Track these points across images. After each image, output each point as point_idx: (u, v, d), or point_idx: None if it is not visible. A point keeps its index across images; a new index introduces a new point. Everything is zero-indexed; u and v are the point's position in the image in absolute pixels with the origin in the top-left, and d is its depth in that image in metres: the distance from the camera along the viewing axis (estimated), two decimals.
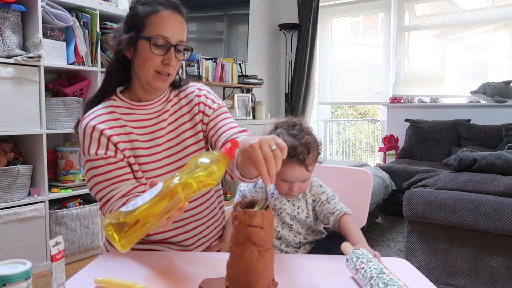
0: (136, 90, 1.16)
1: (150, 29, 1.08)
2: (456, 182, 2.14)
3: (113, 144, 1.09)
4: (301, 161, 1.16)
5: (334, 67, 5.28)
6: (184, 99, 1.23)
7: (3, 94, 2.30)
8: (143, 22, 1.09)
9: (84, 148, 1.09)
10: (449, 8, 4.67)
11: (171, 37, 1.08)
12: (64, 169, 2.68)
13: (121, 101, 1.16)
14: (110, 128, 1.10)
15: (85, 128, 1.09)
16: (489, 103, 4.19)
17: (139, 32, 1.09)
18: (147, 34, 1.08)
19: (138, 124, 1.15)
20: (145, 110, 1.17)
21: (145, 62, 1.09)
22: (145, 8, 1.10)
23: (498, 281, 2.00)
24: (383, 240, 3.16)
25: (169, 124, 1.18)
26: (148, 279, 0.87)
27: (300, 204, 1.25)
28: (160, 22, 1.08)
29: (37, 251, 2.47)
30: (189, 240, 1.19)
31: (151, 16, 1.08)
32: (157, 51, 1.08)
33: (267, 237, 0.79)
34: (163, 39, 1.07)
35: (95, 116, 1.12)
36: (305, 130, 1.21)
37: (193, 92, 1.23)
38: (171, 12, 1.10)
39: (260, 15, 4.99)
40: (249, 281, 0.77)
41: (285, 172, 1.16)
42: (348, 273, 0.92)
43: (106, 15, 2.85)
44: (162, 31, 1.08)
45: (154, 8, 1.09)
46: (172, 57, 1.09)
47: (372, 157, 5.47)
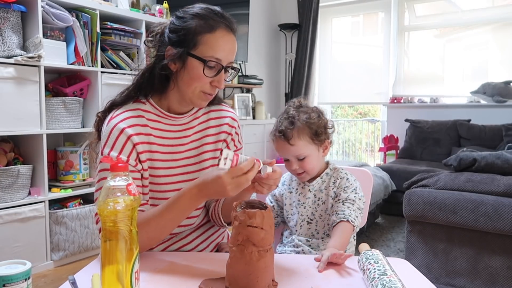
0: (171, 100, 1.11)
1: (203, 49, 1.02)
2: (456, 182, 2.14)
3: (136, 153, 1.05)
4: (282, 134, 1.19)
5: (334, 67, 5.28)
6: (214, 120, 1.19)
7: (3, 94, 2.30)
8: (196, 40, 1.02)
9: (105, 147, 1.04)
10: (449, 8, 4.67)
11: (224, 58, 1.04)
12: (64, 169, 2.68)
13: (151, 106, 1.11)
14: (137, 135, 1.05)
15: (112, 128, 1.04)
16: (489, 103, 4.19)
17: (189, 49, 1.02)
18: (200, 54, 1.02)
19: (161, 134, 1.11)
20: (172, 121, 1.13)
21: (193, 81, 1.04)
22: (200, 23, 1.03)
23: (498, 281, 2.00)
24: (383, 240, 3.16)
25: (191, 141, 1.15)
26: (148, 279, 0.87)
27: (322, 196, 1.24)
28: (215, 43, 1.02)
29: (37, 251, 2.47)
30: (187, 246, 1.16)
31: (207, 34, 1.02)
32: (209, 73, 1.03)
33: (267, 238, 0.79)
34: (216, 61, 1.02)
35: (124, 118, 1.06)
36: (302, 107, 1.23)
37: (225, 118, 1.20)
38: (226, 32, 1.05)
39: (260, 15, 4.99)
40: (249, 282, 0.77)
41: (275, 149, 1.23)
42: (348, 274, 0.92)
43: (106, 15, 2.85)
44: (216, 53, 1.02)
45: (210, 25, 1.03)
46: (222, 79, 1.05)
47: (372, 157, 5.47)
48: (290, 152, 1.20)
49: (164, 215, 0.98)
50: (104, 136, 1.06)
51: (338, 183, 1.23)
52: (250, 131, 4.24)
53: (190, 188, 0.96)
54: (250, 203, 0.86)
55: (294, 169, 1.21)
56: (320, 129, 1.21)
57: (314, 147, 1.21)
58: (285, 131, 1.19)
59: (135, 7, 3.26)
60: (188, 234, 1.16)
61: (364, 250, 0.92)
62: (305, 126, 1.19)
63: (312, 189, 1.26)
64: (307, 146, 1.20)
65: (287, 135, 1.18)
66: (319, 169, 1.27)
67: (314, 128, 1.21)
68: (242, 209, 0.80)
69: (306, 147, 1.20)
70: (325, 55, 5.27)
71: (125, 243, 0.70)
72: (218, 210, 1.13)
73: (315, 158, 1.22)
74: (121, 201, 0.69)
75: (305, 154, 1.20)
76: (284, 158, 1.23)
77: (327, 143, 1.25)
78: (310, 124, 1.20)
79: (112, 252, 0.70)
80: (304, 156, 1.20)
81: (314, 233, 1.24)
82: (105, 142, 1.04)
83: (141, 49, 3.07)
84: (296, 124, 1.19)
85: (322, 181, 1.26)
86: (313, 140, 1.21)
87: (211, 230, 1.21)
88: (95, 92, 2.79)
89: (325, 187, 1.25)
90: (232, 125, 1.20)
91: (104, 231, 0.71)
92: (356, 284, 0.87)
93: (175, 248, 1.14)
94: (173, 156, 1.12)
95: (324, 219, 1.23)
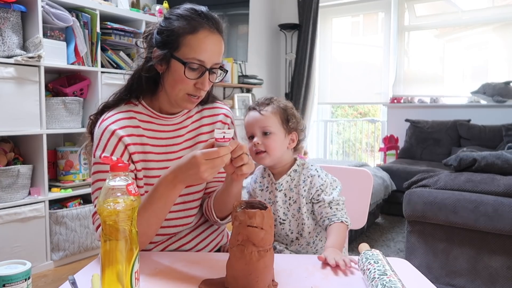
0: (161, 101, 1.11)
1: (185, 50, 1.01)
2: (456, 182, 2.14)
3: (128, 153, 1.05)
4: (255, 106, 1.22)
5: (334, 67, 5.28)
6: (207, 118, 1.19)
7: (3, 94, 2.30)
8: (179, 41, 1.01)
9: (97, 150, 1.04)
10: (449, 8, 4.67)
11: (207, 60, 1.02)
12: (64, 169, 2.68)
13: (142, 107, 1.11)
14: (129, 136, 1.05)
15: (104, 130, 1.04)
16: (489, 103, 4.19)
17: (173, 50, 1.02)
18: (182, 56, 1.01)
19: (154, 134, 1.11)
20: (165, 121, 1.12)
21: (177, 83, 1.03)
22: (182, 24, 1.02)
23: (498, 281, 2.00)
24: (383, 240, 3.16)
25: (185, 140, 1.15)
26: (148, 279, 0.87)
27: (292, 195, 1.22)
28: (197, 44, 1.01)
29: (37, 251, 2.47)
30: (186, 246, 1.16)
31: (189, 35, 1.01)
32: (191, 75, 1.02)
33: (267, 238, 0.79)
34: (198, 63, 1.01)
35: (116, 120, 1.06)
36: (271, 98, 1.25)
37: (219, 115, 1.20)
38: (210, 32, 1.03)
39: (260, 15, 4.99)
40: (249, 282, 0.77)
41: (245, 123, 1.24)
42: (348, 274, 0.92)
43: (106, 15, 2.85)
44: (198, 54, 1.01)
45: (193, 26, 1.01)
46: (206, 81, 1.04)
47: (372, 157, 5.47)
48: (258, 122, 1.19)
49: (146, 207, 0.97)
50: (96, 138, 1.06)
51: (310, 181, 1.20)
52: None
53: (165, 175, 0.95)
54: (250, 203, 0.86)
55: (256, 144, 1.18)
56: (292, 118, 1.23)
57: (281, 130, 1.21)
58: (260, 103, 1.22)
59: (135, 7, 3.26)
60: (187, 233, 1.16)
61: (364, 250, 0.92)
62: (280, 109, 1.22)
63: (280, 187, 1.23)
64: (276, 124, 1.20)
65: (260, 107, 1.21)
66: (284, 161, 1.24)
67: (287, 114, 1.22)
68: (242, 209, 0.80)
69: (274, 123, 1.19)
70: (325, 55, 5.27)
71: (125, 243, 0.70)
72: (211, 204, 1.12)
73: (280, 141, 1.20)
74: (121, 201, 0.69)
75: (271, 130, 1.18)
76: (250, 135, 1.22)
77: (294, 136, 1.24)
78: (285, 110, 1.22)
79: (112, 252, 0.70)
80: (269, 131, 1.18)
81: (288, 233, 1.23)
82: (97, 144, 1.04)
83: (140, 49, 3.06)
84: (271, 104, 1.22)
85: (290, 178, 1.23)
86: (283, 123, 1.21)
87: (210, 229, 1.21)
88: (95, 92, 2.79)
89: (295, 185, 1.22)
90: (225, 121, 1.20)
91: (104, 231, 0.71)
92: (356, 284, 0.87)
93: (174, 248, 1.14)
94: (167, 156, 1.11)
95: (297, 218, 1.21)
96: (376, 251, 0.90)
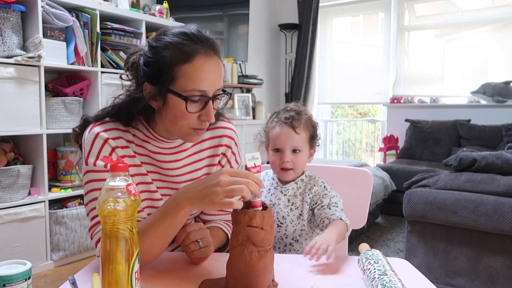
0: (159, 128, 1.00)
1: (182, 83, 0.89)
2: (456, 182, 2.14)
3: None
4: (289, 122, 1.19)
5: (334, 67, 5.28)
6: (208, 141, 1.10)
7: (3, 94, 2.30)
8: (173, 73, 0.89)
9: (89, 157, 0.95)
10: (449, 8, 4.67)
11: (209, 89, 0.91)
12: (64, 169, 2.68)
13: (140, 124, 1.01)
14: (122, 148, 0.97)
15: (95, 137, 0.95)
16: (489, 103, 4.19)
17: (168, 84, 0.90)
18: (180, 89, 0.89)
19: (150, 154, 1.02)
20: (162, 143, 1.02)
21: (178, 119, 0.92)
22: (174, 53, 0.89)
23: (498, 281, 2.00)
24: (383, 240, 3.16)
25: (184, 165, 1.06)
26: (148, 279, 0.87)
27: (296, 201, 1.23)
28: (196, 74, 0.89)
29: (37, 251, 2.47)
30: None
31: (183, 65, 0.89)
32: (193, 108, 0.91)
33: (267, 238, 0.79)
34: (199, 94, 0.90)
35: (108, 129, 0.97)
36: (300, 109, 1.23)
37: (222, 137, 1.11)
38: (207, 57, 0.91)
39: (260, 15, 4.99)
40: (249, 282, 0.77)
41: (275, 135, 1.21)
42: (348, 274, 0.92)
43: (106, 15, 2.85)
44: (198, 85, 0.89)
45: (187, 54, 0.89)
46: (210, 112, 0.93)
47: (372, 157, 5.47)
48: (292, 140, 1.19)
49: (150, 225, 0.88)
50: (86, 144, 0.97)
51: (315, 190, 1.22)
52: (250, 131, 4.24)
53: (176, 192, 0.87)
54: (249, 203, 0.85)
55: (285, 162, 1.19)
56: (315, 133, 1.25)
57: (307, 147, 1.23)
58: (294, 118, 1.19)
59: (135, 7, 3.26)
60: None
61: (364, 250, 0.92)
62: (309, 123, 1.23)
63: (286, 191, 1.24)
64: (305, 142, 1.22)
65: (295, 123, 1.19)
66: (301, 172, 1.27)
67: (314, 129, 1.24)
68: (242, 209, 0.80)
69: (304, 142, 1.21)
70: (325, 55, 5.27)
71: (125, 243, 0.70)
72: None
73: (305, 158, 1.23)
74: (121, 201, 0.69)
75: (301, 148, 1.21)
76: (278, 148, 1.22)
77: (313, 151, 1.27)
78: (312, 124, 1.24)
79: (112, 252, 0.70)
80: (300, 149, 1.20)
81: (283, 237, 1.23)
82: (89, 151, 0.95)
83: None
84: (303, 118, 1.21)
85: (297, 186, 1.25)
86: (310, 140, 1.23)
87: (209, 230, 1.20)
88: (95, 92, 2.79)
89: (300, 193, 1.23)
90: (229, 145, 1.12)
91: (104, 231, 0.71)
92: (356, 284, 0.87)
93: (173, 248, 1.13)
94: (163, 178, 1.05)
95: (294, 224, 1.22)
96: (376, 251, 0.90)
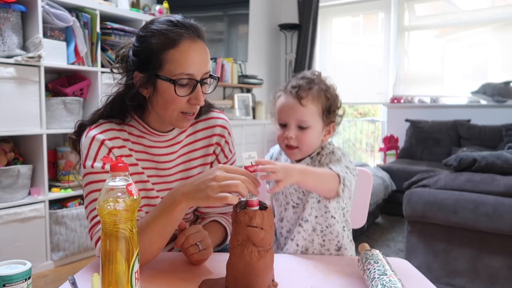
0: (151, 120, 1.04)
1: (170, 67, 0.93)
2: (456, 182, 2.14)
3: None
4: (295, 92, 1.03)
5: (334, 67, 5.28)
6: (202, 131, 1.12)
7: (3, 94, 2.30)
8: (161, 59, 0.93)
9: (86, 160, 0.97)
10: (449, 8, 4.67)
11: (196, 72, 0.94)
12: (64, 169, 2.68)
13: (135, 121, 1.04)
14: (119, 148, 1.00)
15: (91, 140, 0.98)
16: (489, 103, 4.19)
17: (156, 70, 0.93)
18: (168, 74, 0.93)
19: (146, 149, 1.05)
20: (157, 137, 1.06)
21: (168, 104, 0.95)
22: (160, 40, 0.93)
23: (498, 281, 2.00)
24: (383, 240, 3.16)
25: (179, 156, 1.09)
26: (148, 279, 0.87)
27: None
28: (183, 58, 0.92)
29: (37, 251, 2.47)
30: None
31: (170, 50, 0.92)
32: (182, 92, 0.94)
33: (267, 238, 0.79)
34: (187, 77, 0.93)
35: (104, 130, 1.00)
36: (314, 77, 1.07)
37: (214, 127, 1.13)
38: (192, 41, 0.94)
39: (260, 15, 4.99)
40: (249, 282, 0.77)
41: (279, 107, 1.07)
42: (348, 274, 0.93)
43: (106, 15, 2.85)
44: (185, 68, 0.92)
45: (172, 39, 0.93)
46: (200, 95, 0.96)
47: (372, 157, 5.47)
48: (296, 113, 1.03)
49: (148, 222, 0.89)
50: (84, 148, 0.99)
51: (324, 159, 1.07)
52: (250, 131, 4.24)
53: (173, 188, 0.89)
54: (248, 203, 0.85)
55: (289, 138, 1.05)
56: (333, 107, 1.07)
57: (320, 122, 1.06)
58: (301, 88, 1.04)
59: (135, 7, 3.26)
60: None
61: (364, 250, 0.92)
62: (322, 94, 1.05)
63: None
64: (315, 116, 1.05)
65: (301, 93, 1.03)
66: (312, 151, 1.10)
67: (330, 101, 1.06)
68: (242, 209, 0.80)
69: (314, 116, 1.04)
70: (325, 55, 5.27)
71: (125, 243, 0.70)
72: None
73: (316, 135, 1.06)
74: (121, 201, 0.69)
75: (310, 123, 1.04)
76: (283, 123, 1.06)
77: (331, 127, 1.10)
78: (328, 95, 1.06)
79: (112, 252, 0.70)
80: (307, 125, 1.04)
81: (301, 222, 1.11)
82: (86, 154, 0.98)
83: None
84: (314, 88, 1.04)
85: (312, 161, 1.10)
86: (323, 114, 1.06)
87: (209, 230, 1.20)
88: (95, 92, 2.79)
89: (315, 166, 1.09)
90: (222, 134, 1.13)
91: (104, 231, 0.71)
92: (356, 284, 0.87)
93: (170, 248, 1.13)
94: (162, 172, 1.07)
95: (312, 205, 1.08)
96: (376, 251, 0.90)
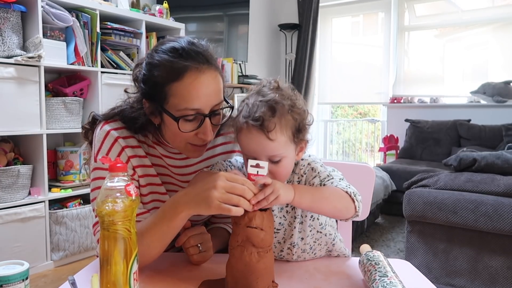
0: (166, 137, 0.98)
1: (174, 101, 0.86)
2: (456, 182, 2.14)
3: (132, 165, 0.96)
4: (258, 125, 0.82)
5: (334, 67, 5.28)
6: (221, 146, 1.07)
7: (3, 94, 2.29)
8: (165, 92, 0.87)
9: (98, 154, 0.95)
10: (449, 8, 4.66)
11: (203, 106, 0.87)
12: (64, 169, 2.68)
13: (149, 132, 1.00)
14: (132, 148, 0.97)
15: (106, 135, 0.95)
16: (489, 103, 4.19)
17: (162, 103, 0.88)
18: (173, 108, 0.87)
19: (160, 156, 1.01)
20: (172, 149, 1.00)
21: (175, 137, 0.91)
22: (163, 71, 0.87)
23: (498, 281, 2.00)
24: (383, 240, 3.16)
25: (195, 171, 1.05)
26: (148, 279, 0.87)
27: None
28: (187, 92, 0.85)
29: (37, 251, 2.47)
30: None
31: (174, 84, 0.86)
32: (187, 127, 0.88)
33: (267, 239, 0.79)
34: (194, 112, 0.87)
35: (119, 127, 0.96)
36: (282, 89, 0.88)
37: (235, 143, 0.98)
38: (198, 72, 0.86)
39: (260, 15, 4.99)
40: (249, 283, 0.77)
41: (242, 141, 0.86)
42: (349, 275, 0.92)
43: (106, 15, 2.84)
44: (190, 104, 0.86)
45: (175, 72, 0.85)
46: (207, 130, 0.89)
47: (372, 157, 5.47)
48: (265, 149, 0.84)
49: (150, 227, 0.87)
50: (97, 141, 0.96)
51: (303, 180, 0.94)
52: None
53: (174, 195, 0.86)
54: None
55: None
56: (302, 123, 0.89)
57: (292, 147, 0.88)
58: (264, 119, 0.82)
59: (135, 7, 3.26)
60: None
61: (365, 252, 0.92)
62: (289, 116, 0.85)
63: None
64: (287, 145, 0.86)
65: (267, 126, 0.82)
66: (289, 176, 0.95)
67: (298, 121, 0.87)
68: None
69: (286, 146, 0.86)
70: (325, 55, 5.27)
71: (123, 244, 0.70)
72: None
73: (291, 162, 0.89)
74: (119, 201, 0.69)
75: (283, 155, 0.86)
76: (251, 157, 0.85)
77: (304, 144, 0.91)
78: (295, 115, 0.86)
79: (110, 253, 0.70)
80: (280, 157, 0.85)
81: (281, 241, 0.98)
82: (99, 148, 0.96)
83: (141, 49, 3.07)
84: (278, 112, 0.83)
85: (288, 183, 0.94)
86: (294, 137, 0.87)
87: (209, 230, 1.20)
88: (95, 92, 2.78)
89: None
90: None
91: (102, 232, 0.71)
92: (357, 285, 0.87)
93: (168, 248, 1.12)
94: (174, 181, 1.04)
95: (293, 227, 0.96)
96: (377, 252, 0.90)
